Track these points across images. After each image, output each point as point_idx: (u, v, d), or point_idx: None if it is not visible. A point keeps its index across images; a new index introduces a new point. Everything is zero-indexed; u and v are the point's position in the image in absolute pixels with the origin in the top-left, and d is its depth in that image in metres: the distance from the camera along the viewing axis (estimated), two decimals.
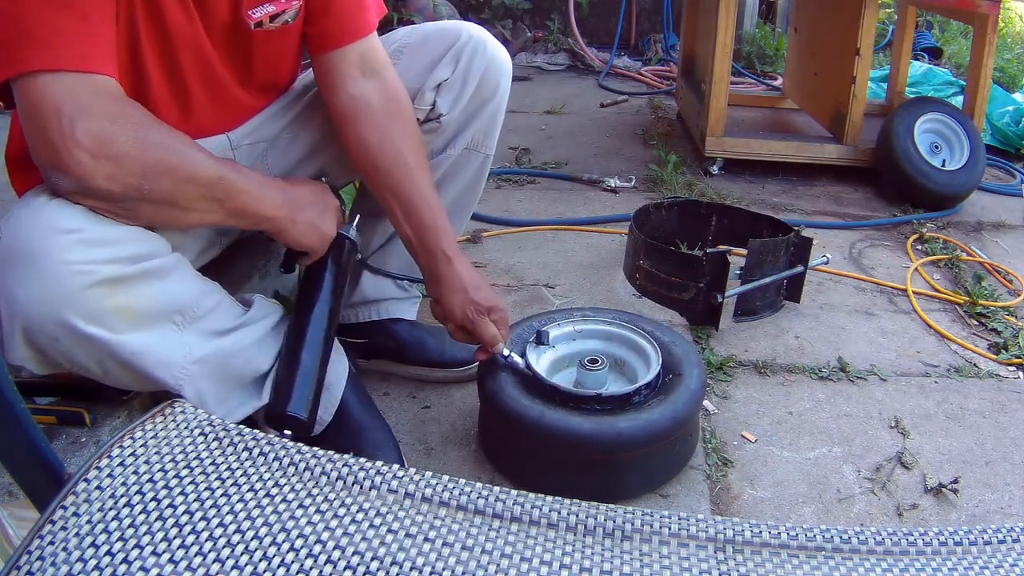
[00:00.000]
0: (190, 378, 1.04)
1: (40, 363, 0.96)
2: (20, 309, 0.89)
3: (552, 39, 4.47)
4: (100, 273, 0.91)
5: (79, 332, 0.91)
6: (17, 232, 0.91)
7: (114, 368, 0.98)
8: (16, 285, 0.89)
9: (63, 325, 0.90)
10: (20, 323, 0.90)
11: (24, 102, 0.89)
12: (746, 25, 4.49)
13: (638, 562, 0.63)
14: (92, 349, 0.94)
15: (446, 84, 1.29)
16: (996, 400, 1.53)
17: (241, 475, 0.66)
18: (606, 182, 2.53)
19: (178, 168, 0.96)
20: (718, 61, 2.52)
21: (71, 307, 0.90)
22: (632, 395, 1.23)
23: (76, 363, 0.96)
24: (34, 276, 0.89)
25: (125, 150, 0.91)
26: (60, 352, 0.93)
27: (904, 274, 2.01)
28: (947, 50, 4.62)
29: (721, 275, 1.65)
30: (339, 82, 1.18)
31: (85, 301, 0.91)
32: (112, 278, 0.93)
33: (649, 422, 1.18)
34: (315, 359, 1.13)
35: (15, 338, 0.91)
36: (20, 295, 0.89)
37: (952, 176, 2.45)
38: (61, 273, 0.89)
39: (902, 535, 0.65)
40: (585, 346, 1.38)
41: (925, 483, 1.30)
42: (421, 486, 0.67)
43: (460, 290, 1.22)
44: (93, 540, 0.57)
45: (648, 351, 1.32)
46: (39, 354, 0.94)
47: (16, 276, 0.89)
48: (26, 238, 0.90)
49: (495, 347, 1.25)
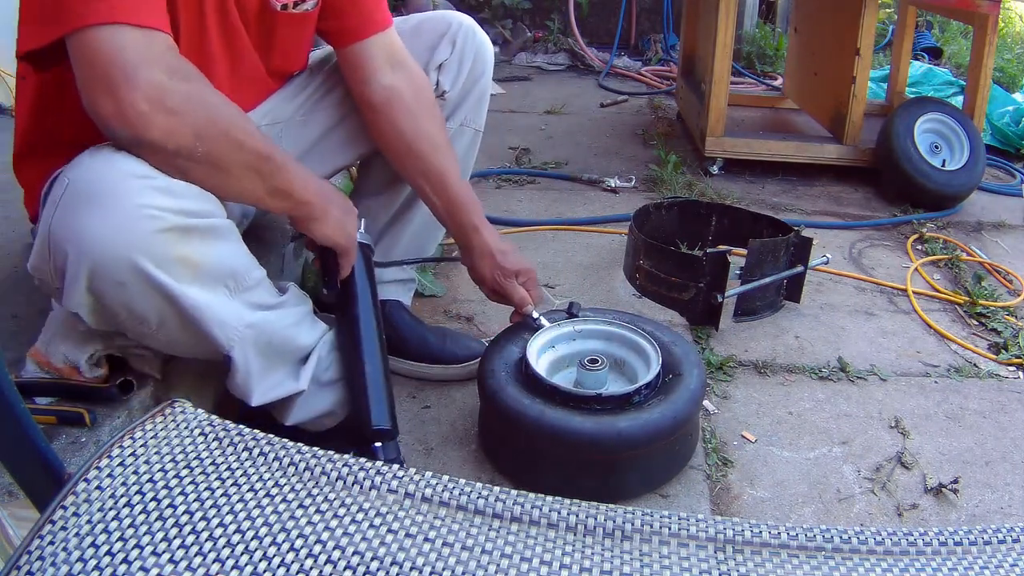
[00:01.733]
0: (242, 342, 1.05)
1: (96, 313, 0.96)
2: (90, 249, 0.89)
3: (552, 39, 4.47)
4: (169, 220, 0.92)
5: (148, 276, 0.92)
6: (89, 174, 0.91)
7: (171, 321, 0.98)
8: (88, 225, 0.89)
9: (133, 267, 0.91)
10: (88, 264, 0.90)
11: (83, 55, 0.89)
12: (746, 25, 4.49)
13: (638, 562, 0.63)
14: (156, 297, 0.94)
15: (446, 63, 1.37)
16: (996, 400, 1.53)
17: (241, 475, 0.66)
18: (606, 182, 2.53)
19: (231, 133, 0.97)
20: (718, 61, 2.52)
21: (142, 250, 0.90)
22: (632, 395, 1.23)
23: (135, 313, 0.95)
24: (107, 216, 0.89)
25: (183, 106, 0.92)
26: (122, 300, 0.93)
27: (904, 274, 2.01)
28: (947, 50, 4.62)
29: (721, 275, 1.65)
30: (370, 74, 1.26)
31: (155, 245, 0.91)
32: (179, 227, 0.93)
33: (649, 422, 1.18)
34: (378, 368, 1.16)
35: (79, 281, 0.91)
36: (92, 234, 0.89)
37: (952, 176, 2.45)
38: (134, 215, 0.90)
39: (902, 535, 0.65)
40: (585, 346, 1.38)
41: (925, 483, 1.30)
42: (421, 486, 0.67)
43: (488, 256, 1.35)
44: (93, 540, 0.57)
45: (648, 351, 1.32)
46: (98, 302, 0.94)
47: (88, 216, 0.89)
48: (99, 180, 0.91)
49: (524, 308, 1.37)
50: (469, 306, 1.77)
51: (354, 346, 1.17)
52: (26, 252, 1.00)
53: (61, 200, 0.91)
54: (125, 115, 0.89)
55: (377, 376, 1.16)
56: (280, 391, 1.14)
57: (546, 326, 1.35)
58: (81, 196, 0.90)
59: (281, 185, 1.04)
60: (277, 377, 1.14)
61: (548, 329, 1.36)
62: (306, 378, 1.16)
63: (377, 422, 1.13)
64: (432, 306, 1.76)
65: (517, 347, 1.32)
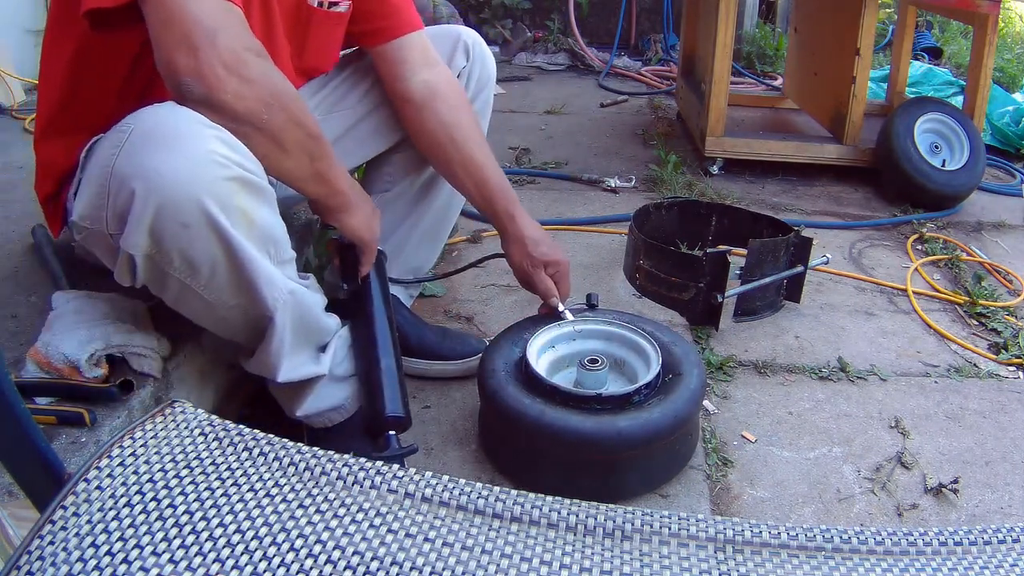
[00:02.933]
0: (284, 306, 1.06)
1: (149, 259, 0.96)
2: (161, 186, 0.91)
3: (552, 39, 4.47)
4: (234, 170, 0.94)
5: (213, 219, 0.93)
6: (161, 119, 0.93)
7: (223, 272, 0.99)
8: (160, 163, 0.90)
9: (200, 208, 0.92)
10: (156, 201, 0.91)
11: (164, 14, 0.92)
12: (746, 25, 4.49)
13: (638, 562, 0.63)
14: (216, 243, 0.95)
15: (464, 70, 1.43)
16: (996, 400, 1.53)
17: (241, 475, 0.66)
18: (606, 182, 2.53)
19: (292, 110, 1.01)
20: (718, 61, 2.52)
21: (211, 193, 0.92)
22: (632, 395, 1.23)
23: (189, 259, 0.96)
24: (180, 156, 0.91)
25: (255, 75, 0.96)
26: (181, 244, 0.94)
27: (904, 274, 2.01)
28: (947, 50, 4.62)
29: (721, 275, 1.65)
30: (408, 71, 1.32)
31: (221, 190, 0.93)
32: (242, 179, 0.95)
33: (649, 421, 1.18)
34: (392, 362, 1.19)
35: (144, 220, 0.92)
36: (164, 171, 0.90)
37: (952, 176, 2.45)
38: (204, 159, 0.92)
39: (902, 535, 0.65)
40: (585, 346, 1.38)
41: (925, 483, 1.30)
42: (421, 486, 0.67)
43: (520, 244, 1.39)
44: (93, 540, 0.57)
45: (648, 351, 1.32)
46: (156, 245, 0.94)
47: (161, 155, 0.91)
48: (172, 123, 0.93)
49: (548, 299, 1.39)
50: (469, 306, 1.77)
51: (370, 341, 1.20)
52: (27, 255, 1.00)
53: (127, 142, 0.92)
54: (202, 73, 0.92)
55: (392, 368, 1.19)
56: (304, 371, 1.15)
57: (569, 319, 1.37)
58: (150, 137, 0.92)
59: (324, 171, 1.08)
60: (303, 357, 1.15)
61: (548, 328, 1.36)
62: (326, 364, 1.17)
63: (392, 410, 1.15)
64: (432, 306, 1.76)
65: (517, 347, 1.32)
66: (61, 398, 1.07)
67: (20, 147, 2.22)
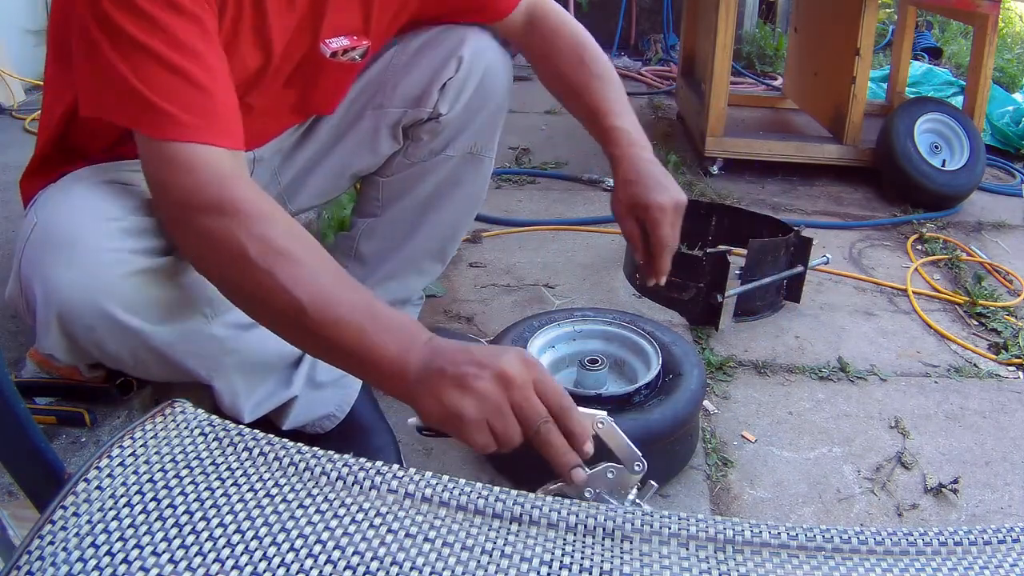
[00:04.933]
0: (222, 370, 1.03)
1: (70, 352, 0.95)
2: (58, 295, 0.88)
3: None
4: (138, 263, 0.91)
5: (117, 321, 0.90)
6: (56, 217, 0.90)
7: (147, 359, 0.97)
8: (55, 270, 0.88)
9: (101, 313, 0.89)
10: (56, 309, 0.89)
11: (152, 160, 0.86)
12: (746, 25, 4.49)
13: (638, 562, 0.63)
14: (127, 339, 0.93)
15: (450, 83, 1.27)
16: (996, 400, 1.53)
17: (241, 475, 0.66)
18: (606, 182, 2.53)
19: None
20: (718, 61, 2.52)
21: (110, 296, 0.89)
22: (632, 395, 1.23)
23: (108, 353, 0.95)
24: (75, 261, 0.88)
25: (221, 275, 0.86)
26: (93, 341, 0.92)
27: (904, 274, 2.01)
28: (947, 50, 4.62)
29: (721, 275, 1.65)
30: (524, 35, 1.31)
31: (124, 290, 0.90)
32: (148, 268, 0.92)
33: (649, 422, 1.18)
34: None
35: (51, 325, 0.90)
36: (59, 280, 0.88)
37: (952, 176, 2.45)
38: (103, 260, 0.88)
39: (902, 535, 0.65)
40: (585, 346, 1.38)
41: (925, 483, 1.30)
42: (421, 486, 0.67)
43: (622, 184, 1.31)
44: (93, 540, 0.57)
45: (648, 351, 1.32)
46: (71, 342, 0.93)
47: (55, 261, 0.88)
48: (66, 223, 0.89)
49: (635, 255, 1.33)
50: (469, 306, 1.77)
51: None
52: None
53: (29, 239, 0.90)
54: (179, 241, 0.89)
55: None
56: (272, 402, 1.13)
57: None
58: (48, 238, 0.89)
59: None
60: (267, 389, 1.12)
61: (548, 328, 1.36)
62: (299, 383, 1.14)
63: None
64: (432, 306, 1.76)
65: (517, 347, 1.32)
66: (61, 398, 1.07)
67: (20, 147, 2.22)
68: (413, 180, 1.35)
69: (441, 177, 1.35)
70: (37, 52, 3.12)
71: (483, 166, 1.38)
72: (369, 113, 1.29)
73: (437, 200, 1.37)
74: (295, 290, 0.80)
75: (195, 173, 0.83)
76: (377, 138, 1.30)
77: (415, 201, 1.36)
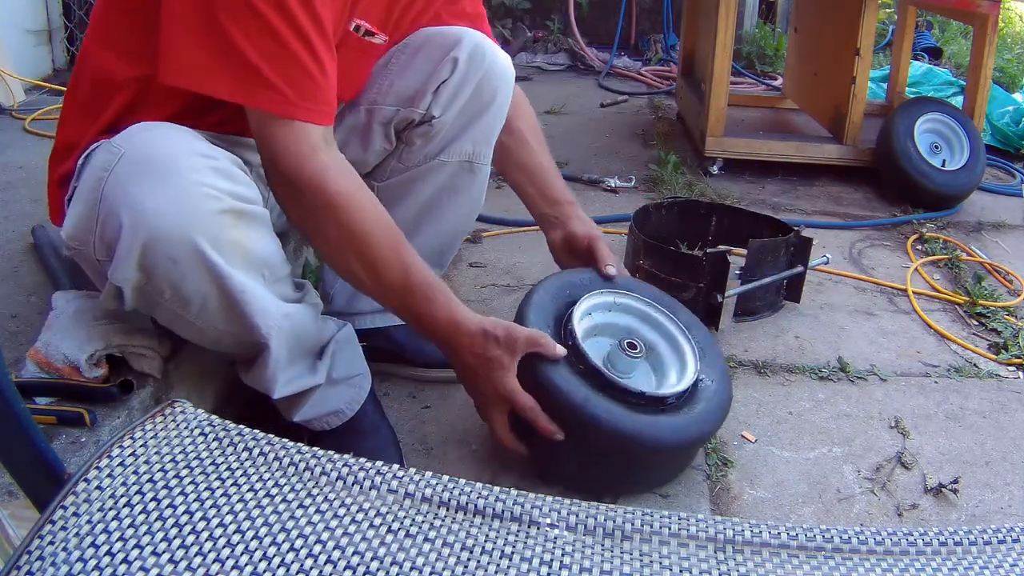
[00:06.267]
0: (279, 332, 1.05)
1: (139, 291, 0.95)
2: (148, 222, 0.88)
3: (552, 39, 4.47)
4: (227, 202, 0.92)
5: (203, 255, 0.91)
6: (150, 147, 0.90)
7: (214, 305, 0.97)
8: (147, 197, 0.88)
9: (189, 244, 0.90)
10: (144, 237, 0.89)
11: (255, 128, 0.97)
12: (746, 25, 4.49)
13: (638, 562, 0.63)
14: (205, 278, 0.94)
15: (444, 85, 1.26)
16: (996, 400, 1.53)
17: (241, 475, 0.66)
18: (606, 182, 2.53)
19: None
20: (718, 61, 2.52)
21: (200, 228, 0.90)
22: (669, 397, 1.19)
23: (179, 293, 0.95)
24: (169, 190, 0.88)
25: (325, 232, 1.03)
26: (171, 278, 0.93)
27: (904, 274, 2.01)
28: (947, 50, 4.62)
29: (721, 275, 1.65)
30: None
31: (212, 225, 0.91)
32: (235, 210, 0.93)
33: (683, 427, 1.16)
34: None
35: (132, 254, 0.90)
36: (151, 207, 0.88)
37: (952, 176, 2.45)
38: (196, 193, 0.89)
39: (902, 535, 0.65)
40: (620, 320, 1.32)
41: (925, 483, 1.30)
42: (421, 486, 0.67)
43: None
44: (93, 540, 0.57)
45: (682, 346, 1.28)
46: (145, 278, 0.93)
47: (149, 188, 0.88)
48: (162, 153, 0.90)
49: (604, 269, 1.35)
50: (469, 306, 1.76)
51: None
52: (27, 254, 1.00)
53: (116, 169, 0.90)
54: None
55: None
56: (300, 383, 1.15)
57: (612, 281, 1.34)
58: (140, 167, 0.89)
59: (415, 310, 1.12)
60: (298, 370, 1.14)
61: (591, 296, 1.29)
62: (323, 373, 1.17)
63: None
64: None
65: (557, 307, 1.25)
66: (61, 398, 1.07)
67: (20, 147, 2.22)
68: (408, 186, 1.35)
69: (437, 184, 1.35)
70: (37, 52, 3.12)
71: (480, 174, 1.37)
72: (364, 108, 1.30)
73: (434, 207, 1.37)
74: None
75: (295, 146, 0.97)
76: (369, 134, 1.30)
77: (411, 207, 1.36)
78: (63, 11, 3.24)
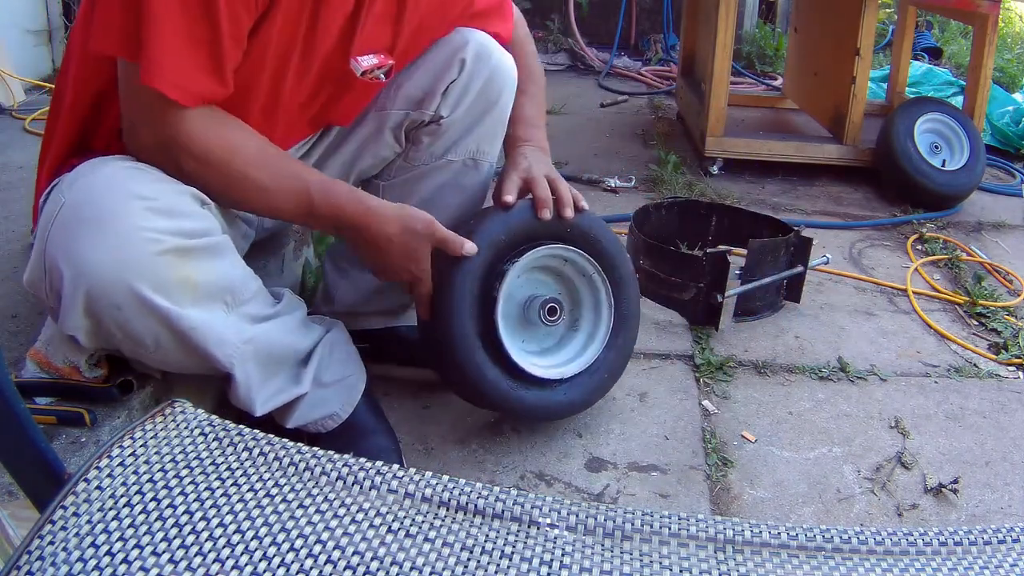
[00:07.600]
0: (240, 358, 1.04)
1: (92, 335, 0.95)
2: (88, 272, 0.88)
3: (552, 39, 4.47)
4: (168, 243, 0.91)
5: (145, 300, 0.91)
6: (88, 194, 0.90)
7: (167, 343, 0.97)
8: (86, 248, 0.88)
9: (130, 291, 0.90)
10: (85, 287, 0.89)
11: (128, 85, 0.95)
12: (746, 25, 4.49)
13: (638, 562, 0.63)
14: (152, 320, 0.93)
15: (453, 85, 1.27)
16: (996, 400, 1.53)
17: (241, 475, 0.66)
18: (606, 182, 2.53)
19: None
20: (718, 61, 2.52)
21: (140, 274, 0.90)
22: (557, 383, 1.29)
23: (130, 335, 0.95)
24: (106, 239, 0.88)
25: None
26: (118, 322, 0.93)
27: (904, 274, 2.01)
28: (947, 50, 4.62)
29: (721, 275, 1.65)
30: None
31: (154, 269, 0.91)
32: (178, 249, 0.93)
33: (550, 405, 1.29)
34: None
35: (76, 305, 0.90)
36: (89, 258, 0.88)
37: (952, 176, 2.45)
38: (133, 239, 0.89)
39: (902, 535, 0.65)
40: (564, 270, 1.31)
41: (925, 483, 1.30)
42: (421, 486, 0.67)
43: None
44: (93, 540, 0.57)
45: (600, 323, 1.32)
46: (95, 323, 0.93)
47: (87, 239, 0.88)
48: (99, 201, 0.90)
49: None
50: None
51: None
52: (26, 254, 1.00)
53: (56, 219, 0.90)
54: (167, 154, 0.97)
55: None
56: (283, 397, 1.14)
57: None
58: (78, 217, 0.89)
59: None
60: (278, 383, 1.14)
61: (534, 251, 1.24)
62: (308, 380, 1.16)
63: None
64: None
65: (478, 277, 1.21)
66: (61, 398, 1.07)
67: (20, 147, 2.22)
68: (413, 184, 1.34)
69: (441, 181, 1.34)
70: (37, 52, 3.12)
71: (484, 172, 1.37)
72: (372, 115, 1.29)
73: (437, 204, 1.35)
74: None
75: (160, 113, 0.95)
76: (379, 140, 1.30)
77: (414, 203, 1.34)
78: (63, 11, 3.24)
